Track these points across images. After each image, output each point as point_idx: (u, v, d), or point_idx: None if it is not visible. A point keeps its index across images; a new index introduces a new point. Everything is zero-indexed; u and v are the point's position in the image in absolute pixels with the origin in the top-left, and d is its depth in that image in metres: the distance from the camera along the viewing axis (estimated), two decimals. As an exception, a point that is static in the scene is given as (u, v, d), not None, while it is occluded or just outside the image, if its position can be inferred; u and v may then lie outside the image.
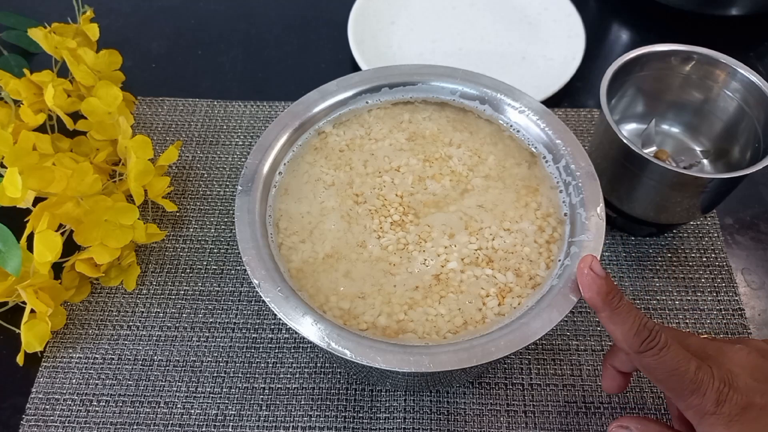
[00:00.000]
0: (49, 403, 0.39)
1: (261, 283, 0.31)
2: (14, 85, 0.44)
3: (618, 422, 0.32)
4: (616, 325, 0.29)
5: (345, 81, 0.40)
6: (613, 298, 0.29)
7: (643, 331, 0.29)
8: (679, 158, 0.46)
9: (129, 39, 0.59)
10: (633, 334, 0.29)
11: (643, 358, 0.29)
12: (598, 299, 0.29)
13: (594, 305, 0.30)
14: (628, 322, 0.29)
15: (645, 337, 0.29)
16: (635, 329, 0.29)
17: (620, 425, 0.32)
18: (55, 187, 0.38)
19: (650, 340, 0.29)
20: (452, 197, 0.36)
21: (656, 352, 0.28)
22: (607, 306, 0.29)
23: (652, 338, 0.29)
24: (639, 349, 0.29)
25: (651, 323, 0.29)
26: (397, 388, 0.40)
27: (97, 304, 0.43)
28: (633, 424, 0.32)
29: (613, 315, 0.29)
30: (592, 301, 0.30)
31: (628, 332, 0.29)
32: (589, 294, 0.30)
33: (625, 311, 0.29)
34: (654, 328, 0.29)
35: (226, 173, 0.50)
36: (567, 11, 0.59)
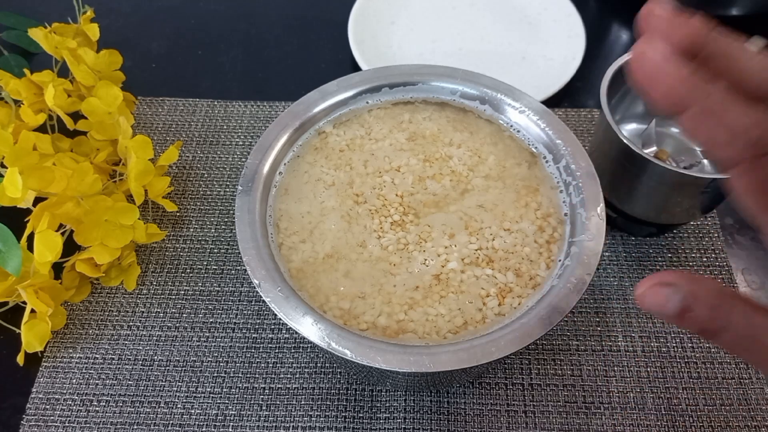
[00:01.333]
0: (50, 403, 0.39)
1: (261, 283, 0.31)
2: (14, 85, 0.44)
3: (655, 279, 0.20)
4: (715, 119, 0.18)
5: (345, 81, 0.40)
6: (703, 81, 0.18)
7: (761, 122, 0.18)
8: (679, 158, 0.46)
9: (129, 39, 0.59)
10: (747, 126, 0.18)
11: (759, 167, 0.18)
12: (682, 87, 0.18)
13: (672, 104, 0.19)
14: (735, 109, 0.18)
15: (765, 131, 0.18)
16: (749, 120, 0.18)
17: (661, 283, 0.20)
18: (55, 187, 0.38)
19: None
20: (452, 197, 0.36)
21: None
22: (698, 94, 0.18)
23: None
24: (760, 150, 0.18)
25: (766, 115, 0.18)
26: (397, 388, 0.40)
27: (97, 304, 0.43)
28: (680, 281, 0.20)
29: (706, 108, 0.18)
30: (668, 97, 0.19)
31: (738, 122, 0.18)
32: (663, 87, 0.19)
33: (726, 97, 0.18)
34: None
35: (227, 173, 0.50)
36: (567, 11, 0.59)
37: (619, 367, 0.40)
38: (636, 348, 0.41)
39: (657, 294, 0.20)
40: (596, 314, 0.43)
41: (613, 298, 0.43)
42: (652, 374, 0.40)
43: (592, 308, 0.43)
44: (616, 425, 0.38)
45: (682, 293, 0.20)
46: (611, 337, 0.42)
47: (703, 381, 0.40)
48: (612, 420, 0.38)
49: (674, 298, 0.20)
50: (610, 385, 0.40)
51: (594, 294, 0.43)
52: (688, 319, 0.20)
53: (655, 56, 0.19)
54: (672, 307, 0.20)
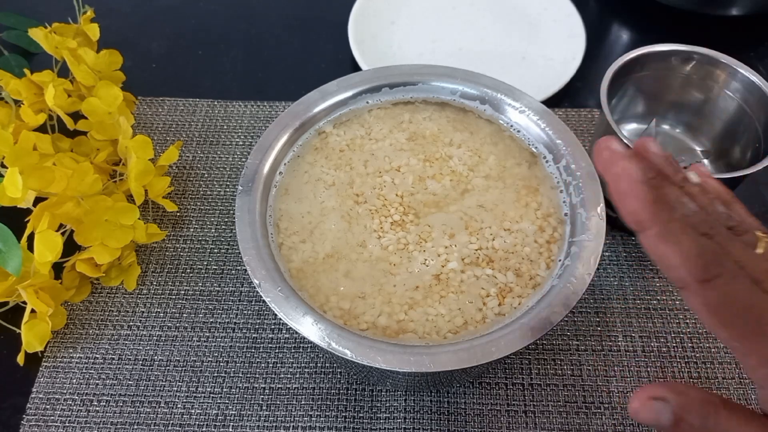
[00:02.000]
0: (50, 403, 0.39)
1: (261, 283, 0.31)
2: (15, 85, 0.44)
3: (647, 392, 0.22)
4: (671, 243, 0.21)
5: (345, 81, 0.40)
6: (663, 208, 0.21)
7: (706, 251, 0.21)
8: (679, 158, 0.46)
9: (129, 39, 0.59)
10: (696, 252, 0.21)
11: (707, 289, 0.21)
12: (646, 211, 0.21)
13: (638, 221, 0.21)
14: (687, 238, 0.21)
15: (711, 258, 0.21)
16: (698, 248, 0.21)
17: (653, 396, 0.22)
18: (55, 187, 0.38)
19: (718, 263, 0.21)
20: (452, 197, 0.36)
21: (727, 280, 0.21)
22: (658, 218, 0.21)
23: (720, 262, 0.21)
24: (705, 275, 0.21)
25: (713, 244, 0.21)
26: (397, 388, 0.40)
27: (97, 304, 0.43)
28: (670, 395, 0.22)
29: (666, 230, 0.21)
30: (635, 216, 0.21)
31: (688, 251, 0.21)
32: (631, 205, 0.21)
33: (682, 226, 0.21)
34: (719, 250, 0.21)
35: (227, 173, 0.50)
36: (567, 11, 0.59)
37: (619, 367, 0.40)
38: (636, 348, 0.41)
39: (650, 409, 0.22)
40: (596, 314, 0.43)
41: (613, 298, 0.43)
42: (652, 374, 0.40)
43: (592, 308, 0.43)
44: (616, 425, 0.38)
45: (671, 407, 0.22)
46: (611, 337, 0.42)
47: (703, 381, 0.40)
48: (612, 420, 0.38)
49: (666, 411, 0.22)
50: (610, 385, 0.40)
51: (594, 294, 0.43)
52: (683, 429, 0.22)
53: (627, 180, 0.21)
54: (665, 420, 0.22)
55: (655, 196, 0.21)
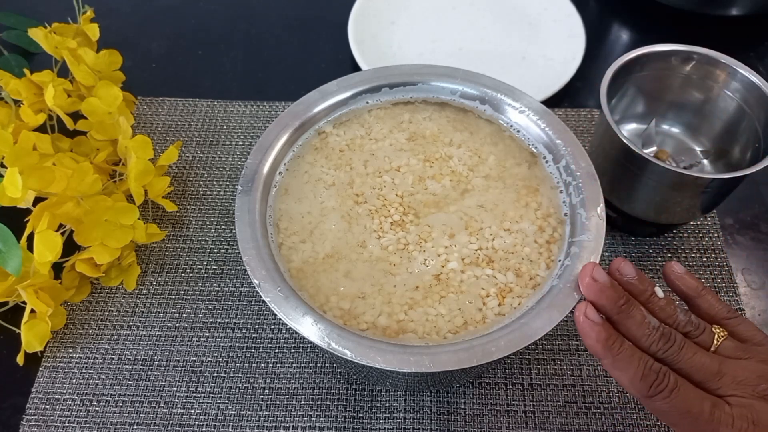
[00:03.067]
0: (49, 403, 0.39)
1: (261, 283, 0.31)
2: (14, 85, 0.44)
3: None
4: (621, 371, 0.28)
5: (345, 81, 0.40)
6: (614, 344, 0.28)
7: (649, 374, 0.27)
8: (679, 158, 0.46)
9: (129, 39, 0.59)
10: (639, 378, 0.27)
11: (653, 402, 0.27)
12: (599, 346, 0.28)
13: (595, 352, 0.28)
14: (632, 366, 0.27)
15: (652, 381, 0.27)
16: (641, 373, 0.27)
17: None
18: (55, 187, 0.38)
19: (658, 383, 0.27)
20: (452, 197, 0.36)
21: (666, 395, 0.27)
22: (609, 352, 0.28)
23: (660, 381, 0.27)
24: (648, 394, 0.27)
25: (656, 365, 0.28)
26: (397, 388, 0.40)
27: (97, 304, 0.43)
28: None
29: (615, 361, 0.28)
30: (592, 348, 0.28)
31: (633, 377, 0.27)
32: (588, 342, 0.28)
33: (628, 355, 0.28)
34: (660, 369, 0.27)
35: (226, 173, 0.50)
36: (567, 11, 0.59)
37: (619, 367, 0.40)
38: (636, 348, 0.41)
39: None
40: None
41: (613, 298, 0.43)
42: (652, 374, 0.40)
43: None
44: (616, 425, 0.38)
45: None
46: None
47: (703, 381, 0.40)
48: (612, 420, 0.38)
49: None
50: (610, 385, 0.40)
51: (594, 294, 0.43)
52: None
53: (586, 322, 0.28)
54: None
55: (606, 335, 0.28)
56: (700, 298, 0.31)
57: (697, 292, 0.31)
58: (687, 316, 0.30)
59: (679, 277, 0.32)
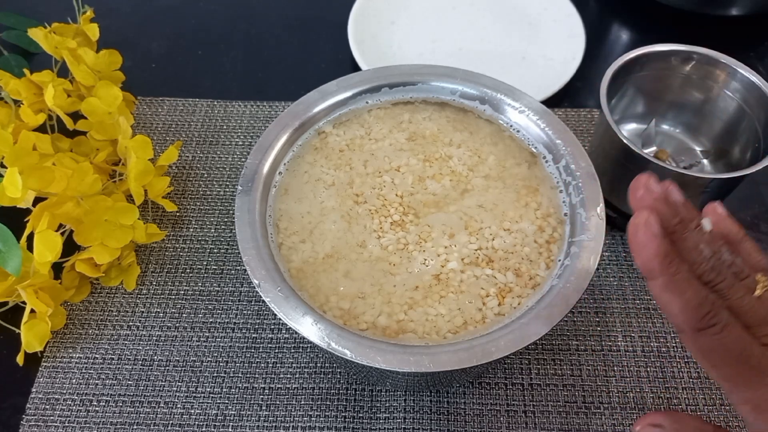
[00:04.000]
0: (49, 403, 0.39)
1: (261, 283, 0.31)
2: (14, 85, 0.44)
3: (647, 419, 0.27)
4: (674, 294, 0.24)
5: (345, 81, 0.40)
6: (672, 262, 0.24)
7: (704, 303, 0.24)
8: (679, 158, 0.46)
9: (129, 39, 0.59)
10: (694, 305, 0.24)
11: (701, 336, 0.24)
12: (656, 262, 0.24)
13: (649, 269, 0.25)
14: (688, 291, 0.24)
15: (707, 312, 0.24)
16: (696, 300, 0.24)
17: (651, 423, 0.27)
18: (55, 187, 0.38)
19: (712, 315, 0.24)
20: (452, 197, 0.36)
21: (718, 330, 0.24)
22: (666, 271, 0.24)
23: (714, 313, 0.24)
24: (699, 325, 0.24)
25: (712, 296, 0.25)
26: (397, 388, 0.40)
27: (97, 304, 0.43)
28: (666, 422, 0.27)
29: (671, 282, 0.24)
30: (646, 265, 0.25)
31: (687, 303, 0.24)
32: (644, 256, 0.25)
33: (685, 278, 0.24)
34: (716, 302, 0.24)
35: (226, 173, 0.50)
36: (567, 11, 0.59)
37: (618, 367, 0.40)
38: (636, 348, 0.41)
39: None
40: (596, 314, 0.43)
41: (613, 298, 0.43)
42: (652, 374, 0.40)
43: (592, 308, 0.43)
44: (616, 425, 0.38)
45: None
46: (611, 337, 0.42)
47: (703, 381, 0.40)
48: (612, 420, 0.38)
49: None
50: (609, 385, 0.40)
51: (594, 294, 0.43)
52: None
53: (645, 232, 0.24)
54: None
55: (666, 250, 0.24)
56: (741, 245, 0.28)
57: (738, 237, 0.28)
58: (732, 256, 0.27)
59: (723, 218, 0.28)
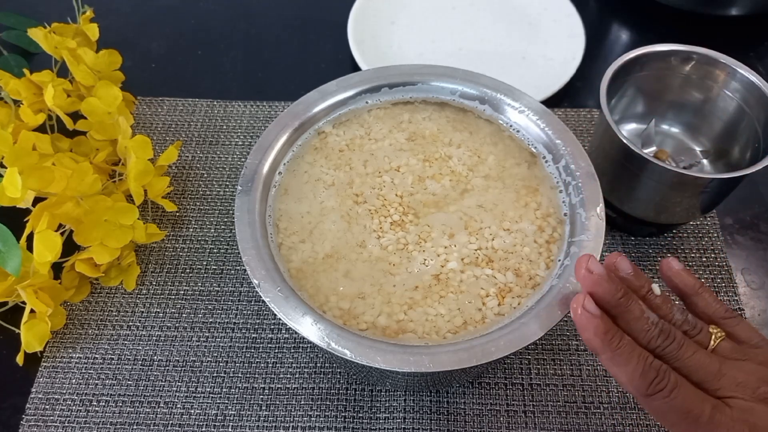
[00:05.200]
0: (49, 403, 0.39)
1: (261, 283, 0.31)
2: (14, 85, 0.44)
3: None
4: (620, 366, 0.26)
5: (345, 81, 0.40)
6: (613, 338, 0.27)
7: (649, 371, 0.26)
8: (679, 158, 0.46)
9: (129, 39, 0.59)
10: (639, 374, 0.26)
11: (652, 401, 0.26)
12: (597, 340, 0.27)
13: (593, 347, 0.27)
14: (632, 362, 0.26)
15: (652, 378, 0.26)
16: (640, 369, 0.26)
17: None
18: (55, 187, 0.38)
19: (658, 380, 0.26)
20: (452, 197, 0.36)
21: (666, 394, 0.26)
22: (607, 347, 0.27)
23: (660, 378, 0.26)
24: (647, 392, 0.26)
25: (657, 362, 0.27)
26: (397, 388, 0.40)
27: (96, 304, 0.43)
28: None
29: (614, 356, 0.26)
30: (590, 343, 0.27)
31: (632, 373, 0.26)
32: (586, 335, 0.27)
33: (628, 351, 0.26)
34: (661, 367, 0.26)
35: (226, 173, 0.50)
36: (567, 11, 0.59)
37: (618, 367, 0.40)
38: (636, 348, 0.41)
39: None
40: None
41: (612, 298, 0.43)
42: (652, 374, 0.40)
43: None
44: (616, 425, 0.38)
45: None
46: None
47: (703, 381, 0.40)
48: (612, 420, 0.38)
49: None
50: (609, 385, 0.40)
51: (594, 294, 0.43)
52: None
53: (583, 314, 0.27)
54: None
55: (605, 328, 0.27)
56: (698, 296, 0.30)
57: (694, 290, 0.31)
58: (684, 314, 0.29)
59: (677, 273, 0.31)
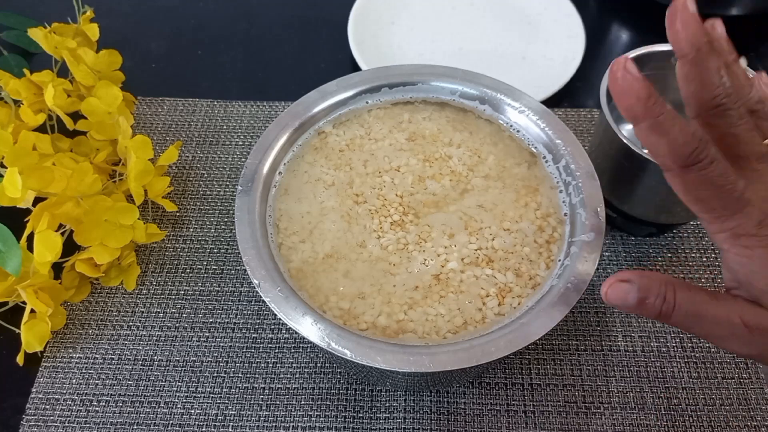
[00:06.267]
0: (49, 403, 0.39)
1: (261, 283, 0.31)
2: (14, 85, 0.44)
3: (615, 277, 0.27)
4: (660, 135, 0.24)
5: (345, 81, 0.40)
6: (655, 103, 0.24)
7: (692, 140, 0.24)
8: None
9: (129, 39, 0.59)
10: (682, 142, 0.24)
11: (687, 173, 0.24)
12: (639, 105, 0.24)
13: (633, 115, 0.24)
14: (674, 129, 0.24)
15: (694, 147, 0.24)
16: (683, 138, 0.24)
17: (620, 280, 0.27)
18: (55, 187, 0.38)
19: (700, 150, 0.24)
20: (452, 197, 0.36)
21: (705, 166, 0.24)
22: (649, 113, 0.24)
23: (701, 149, 0.24)
24: (687, 161, 0.24)
25: (699, 131, 0.24)
26: (397, 388, 0.40)
27: (97, 304, 0.43)
28: (635, 277, 0.27)
29: (656, 123, 0.24)
30: (630, 109, 0.24)
31: (675, 140, 0.24)
32: (627, 101, 0.24)
33: (670, 118, 0.24)
34: (702, 137, 0.24)
35: (226, 173, 0.50)
36: (567, 11, 0.59)
37: (618, 366, 0.40)
38: (636, 348, 0.41)
39: (618, 290, 0.27)
40: (596, 314, 0.43)
41: (613, 298, 0.43)
42: (652, 374, 0.40)
43: (592, 308, 0.43)
44: (616, 425, 0.38)
45: (636, 287, 0.26)
46: (611, 337, 0.42)
47: (703, 381, 0.40)
48: (612, 420, 0.38)
49: (632, 291, 0.26)
50: (610, 385, 0.40)
51: (594, 294, 0.43)
52: (646, 307, 0.26)
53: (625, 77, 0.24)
54: (631, 299, 0.26)
55: (648, 92, 0.24)
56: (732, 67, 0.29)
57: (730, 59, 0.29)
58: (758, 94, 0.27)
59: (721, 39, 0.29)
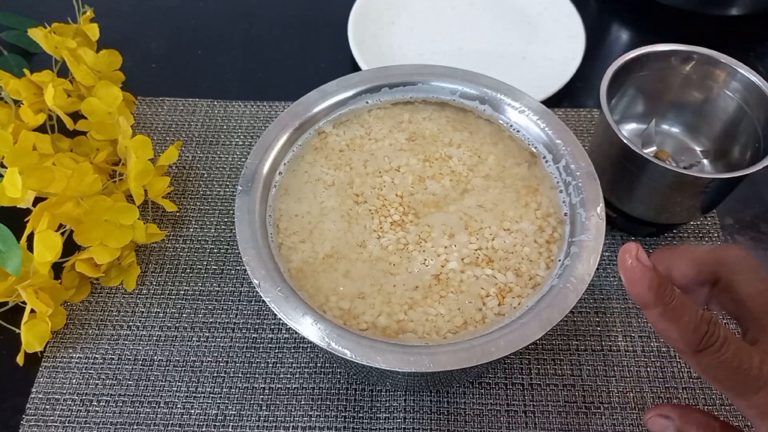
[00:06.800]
0: (49, 403, 0.39)
1: (261, 283, 0.31)
2: (14, 85, 0.44)
3: (657, 410, 0.28)
4: (672, 322, 0.25)
5: (345, 81, 0.40)
6: (666, 291, 0.24)
7: (701, 325, 0.24)
8: (679, 158, 0.46)
9: (129, 39, 0.59)
10: (692, 329, 0.24)
11: (702, 357, 0.25)
12: (650, 295, 0.24)
13: (644, 302, 0.25)
14: (685, 315, 0.24)
15: (704, 332, 0.24)
16: (693, 324, 0.24)
17: (660, 414, 0.28)
18: (55, 187, 0.38)
19: (710, 334, 0.25)
20: (452, 197, 0.36)
21: (717, 349, 0.25)
22: (660, 301, 0.24)
23: (711, 333, 0.25)
24: (699, 347, 0.25)
25: (708, 315, 0.25)
26: (397, 388, 0.40)
27: (97, 304, 0.43)
28: (674, 414, 0.28)
29: (667, 311, 0.25)
30: (641, 297, 0.25)
31: (686, 327, 0.24)
32: (638, 290, 0.25)
33: (680, 305, 0.25)
34: (712, 319, 0.25)
35: (226, 173, 0.50)
36: (567, 11, 0.59)
37: (618, 367, 0.40)
38: (636, 348, 0.41)
39: (655, 425, 0.28)
40: (596, 314, 0.43)
41: (613, 298, 0.43)
42: (652, 374, 0.40)
43: (592, 308, 0.43)
44: (616, 425, 0.38)
45: (674, 425, 0.28)
46: (611, 337, 0.42)
47: (703, 381, 0.40)
48: (612, 420, 0.38)
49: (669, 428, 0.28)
50: (610, 385, 0.40)
51: (594, 294, 0.43)
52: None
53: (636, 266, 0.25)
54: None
55: (659, 281, 0.24)
56: None
57: None
58: None
59: None
